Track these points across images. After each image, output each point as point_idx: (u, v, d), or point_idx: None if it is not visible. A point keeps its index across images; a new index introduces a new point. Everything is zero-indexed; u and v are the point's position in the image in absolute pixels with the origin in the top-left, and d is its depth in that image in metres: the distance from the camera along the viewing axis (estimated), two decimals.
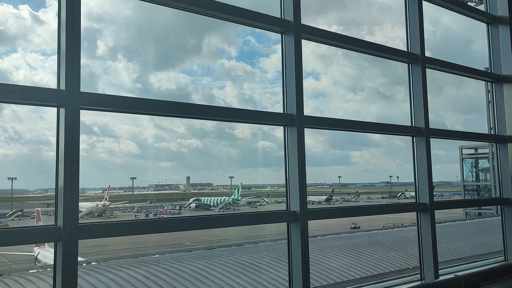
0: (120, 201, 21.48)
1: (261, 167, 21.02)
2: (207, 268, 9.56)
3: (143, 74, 15.85)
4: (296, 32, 4.82)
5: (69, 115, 3.40)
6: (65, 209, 3.30)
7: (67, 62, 3.44)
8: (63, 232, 3.26)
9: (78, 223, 3.34)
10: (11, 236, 3.22)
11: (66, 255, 3.23)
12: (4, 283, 8.86)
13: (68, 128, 3.39)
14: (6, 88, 3.30)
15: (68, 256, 3.24)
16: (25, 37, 14.48)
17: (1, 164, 17.62)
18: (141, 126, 19.70)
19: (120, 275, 9.31)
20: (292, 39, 4.78)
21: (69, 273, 3.23)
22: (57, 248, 3.33)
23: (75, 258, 3.27)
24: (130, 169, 19.84)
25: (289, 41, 4.83)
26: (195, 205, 20.65)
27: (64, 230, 3.26)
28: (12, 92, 3.30)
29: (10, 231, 3.21)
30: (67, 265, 3.23)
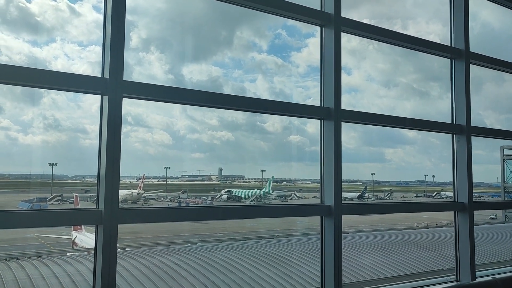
0: (154, 190, 21.96)
1: (293, 162, 20.96)
2: (238, 259, 9.66)
3: (175, 66, 16.05)
4: (336, 25, 4.77)
5: (112, 102, 3.51)
6: (106, 193, 3.41)
7: (112, 52, 3.54)
8: (104, 216, 3.37)
9: (118, 207, 3.45)
10: (58, 217, 3.37)
11: (106, 237, 3.35)
12: (44, 264, 9.24)
13: (111, 115, 3.50)
14: (54, 76, 3.44)
15: (109, 238, 3.36)
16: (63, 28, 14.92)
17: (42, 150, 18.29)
18: (173, 117, 20.00)
19: (153, 261, 9.55)
20: (332, 32, 4.74)
21: (109, 255, 3.34)
22: (98, 231, 3.45)
23: (115, 241, 3.38)
24: (163, 159, 20.21)
25: (329, 33, 4.79)
26: (226, 196, 20.84)
27: (105, 214, 3.38)
28: (60, 79, 3.43)
29: (57, 212, 3.36)
30: (107, 248, 3.35)
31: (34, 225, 3.45)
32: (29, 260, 9.62)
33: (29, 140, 18.69)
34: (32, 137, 18.82)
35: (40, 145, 18.34)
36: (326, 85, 4.80)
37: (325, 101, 4.82)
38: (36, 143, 18.52)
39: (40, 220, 3.37)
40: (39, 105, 18.37)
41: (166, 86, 4.02)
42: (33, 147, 18.31)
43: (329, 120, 4.71)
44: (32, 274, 8.42)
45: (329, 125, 4.71)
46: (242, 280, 8.85)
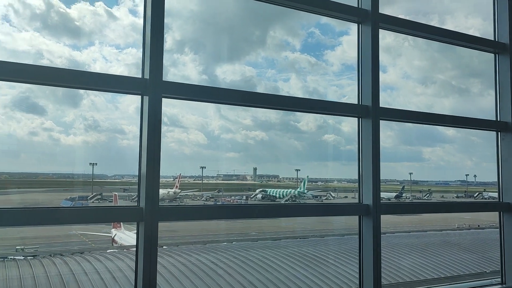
0: (190, 189, 22.30)
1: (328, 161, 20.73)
2: (274, 257, 9.68)
3: (209, 66, 16.22)
4: (374, 21, 4.69)
5: (152, 102, 3.58)
6: (147, 192, 3.49)
7: (151, 53, 3.62)
8: (145, 213, 3.45)
9: (158, 205, 3.52)
10: (101, 214, 3.48)
11: (147, 234, 3.43)
12: (86, 260, 9.56)
13: (151, 115, 3.57)
14: (97, 77, 3.55)
15: (149, 235, 3.44)
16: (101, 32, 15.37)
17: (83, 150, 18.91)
18: (208, 117, 20.23)
19: (190, 259, 9.71)
20: (369, 29, 4.66)
21: (150, 251, 3.42)
22: (139, 228, 3.54)
23: (155, 237, 3.45)
24: (198, 158, 20.50)
25: (366, 30, 4.71)
26: (261, 196, 20.91)
27: (146, 211, 3.46)
28: (102, 81, 3.54)
29: (100, 209, 3.46)
30: (148, 244, 3.43)
31: (79, 221, 3.57)
32: (72, 256, 9.99)
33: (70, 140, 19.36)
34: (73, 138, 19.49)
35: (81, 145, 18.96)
36: (364, 83, 4.73)
37: (363, 99, 4.74)
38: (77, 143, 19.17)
39: (84, 217, 3.49)
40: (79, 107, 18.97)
41: (204, 86, 4.07)
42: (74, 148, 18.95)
43: (367, 118, 4.64)
44: (75, 269, 8.74)
45: (367, 123, 4.63)
46: (277, 279, 8.86)
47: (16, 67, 3.23)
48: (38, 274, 8.23)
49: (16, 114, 18.84)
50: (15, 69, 3.23)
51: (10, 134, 18.24)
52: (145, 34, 3.71)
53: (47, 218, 3.36)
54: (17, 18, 14.93)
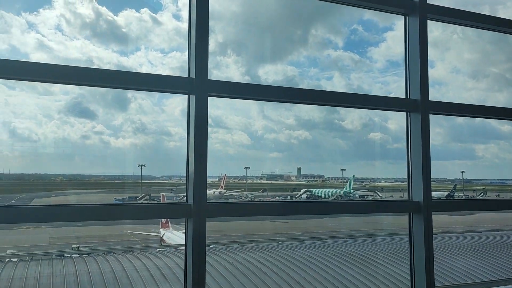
0: (235, 189, 22.53)
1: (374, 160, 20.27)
2: (320, 257, 9.58)
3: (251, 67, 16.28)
4: (422, 13, 4.54)
5: (199, 101, 3.65)
6: (195, 188, 3.55)
7: (197, 53, 3.68)
8: (193, 209, 3.52)
9: (206, 202, 3.58)
10: (151, 210, 3.58)
11: (196, 230, 3.49)
12: (137, 258, 9.87)
13: (198, 113, 3.64)
14: (145, 78, 3.65)
15: (198, 231, 3.50)
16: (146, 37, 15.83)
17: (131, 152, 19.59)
18: (251, 117, 20.32)
19: (236, 258, 9.80)
20: (417, 20, 4.51)
21: (199, 246, 3.48)
22: (188, 225, 3.61)
23: (203, 233, 3.51)
24: (243, 158, 20.66)
25: (414, 22, 4.57)
26: (306, 196, 20.77)
27: (194, 208, 3.52)
28: (150, 81, 3.65)
29: (151, 205, 3.57)
30: (197, 239, 3.49)
31: (130, 217, 3.69)
32: (124, 254, 10.35)
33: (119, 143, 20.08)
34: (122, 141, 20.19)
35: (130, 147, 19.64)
36: (412, 76, 4.59)
37: (411, 93, 4.60)
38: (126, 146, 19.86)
39: (136, 213, 3.60)
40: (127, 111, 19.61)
41: (248, 84, 4.10)
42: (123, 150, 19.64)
43: (416, 113, 4.49)
44: (126, 266, 9.05)
45: (416, 118, 4.49)
46: (324, 279, 8.77)
47: (71, 70, 3.38)
48: (93, 271, 8.59)
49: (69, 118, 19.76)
50: (69, 72, 3.39)
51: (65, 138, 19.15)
52: (190, 33, 3.79)
53: (100, 214, 3.50)
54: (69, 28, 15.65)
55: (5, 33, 18.25)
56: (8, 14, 17.00)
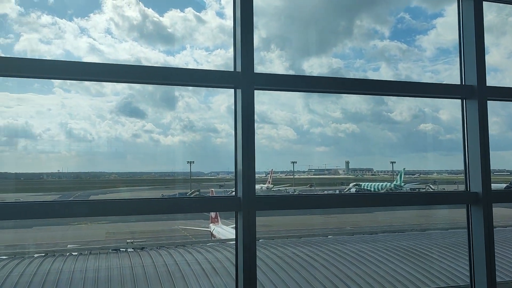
0: (282, 184, 22.50)
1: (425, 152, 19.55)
2: (371, 251, 9.38)
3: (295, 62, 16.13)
4: None
5: (245, 95, 3.65)
6: (243, 181, 3.57)
7: (242, 46, 3.69)
8: (243, 202, 3.53)
9: (255, 195, 3.58)
10: (201, 204, 3.64)
11: (245, 223, 3.51)
12: (188, 252, 10.10)
13: (245, 107, 3.64)
14: (192, 73, 3.70)
15: (248, 224, 3.51)
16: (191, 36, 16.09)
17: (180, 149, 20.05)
18: (296, 112, 20.18)
19: (285, 252, 9.79)
20: (472, 2, 4.28)
21: (249, 239, 3.50)
22: (238, 217, 3.63)
23: (253, 225, 3.52)
24: (289, 153, 20.57)
25: (468, 4, 4.34)
26: (355, 190, 20.39)
27: (244, 201, 3.53)
28: (197, 76, 3.69)
29: (201, 199, 3.62)
30: (247, 232, 3.50)
31: (182, 210, 3.75)
32: (176, 248, 10.61)
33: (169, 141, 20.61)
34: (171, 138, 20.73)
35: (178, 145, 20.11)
36: (467, 61, 4.36)
37: (466, 79, 4.38)
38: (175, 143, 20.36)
39: (187, 207, 3.66)
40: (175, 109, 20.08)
41: (294, 75, 4.06)
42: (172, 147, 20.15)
43: (473, 99, 4.27)
44: (178, 260, 9.28)
45: (473, 105, 4.26)
46: (376, 273, 8.57)
47: (120, 68, 3.49)
48: (147, 264, 8.88)
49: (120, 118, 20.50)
50: (119, 71, 3.49)
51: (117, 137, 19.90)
52: (235, 27, 3.80)
53: (153, 208, 3.59)
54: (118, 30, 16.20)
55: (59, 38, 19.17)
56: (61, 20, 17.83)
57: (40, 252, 10.90)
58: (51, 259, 9.16)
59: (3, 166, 20.58)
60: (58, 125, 19.41)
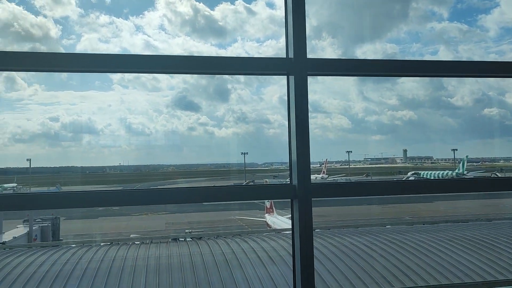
0: (337, 174, 22.18)
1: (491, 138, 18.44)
2: (432, 242, 9.04)
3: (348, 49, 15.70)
4: None
5: (298, 81, 3.61)
6: (298, 169, 3.53)
7: (294, 32, 3.64)
8: (298, 190, 3.50)
9: (310, 182, 3.54)
10: (257, 191, 3.66)
11: (302, 210, 3.48)
12: (245, 241, 10.24)
13: (298, 94, 3.60)
14: (245, 61, 3.70)
15: (304, 211, 3.48)
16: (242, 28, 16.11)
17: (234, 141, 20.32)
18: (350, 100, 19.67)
19: (342, 242, 9.67)
20: None
21: (305, 227, 3.47)
22: (294, 206, 3.61)
23: (309, 214, 3.48)
24: (343, 143, 20.19)
25: None
26: (413, 178, 19.71)
27: (299, 188, 3.50)
28: (249, 64, 3.69)
29: (257, 187, 3.64)
30: (303, 221, 3.47)
31: (238, 198, 3.78)
32: (232, 238, 10.80)
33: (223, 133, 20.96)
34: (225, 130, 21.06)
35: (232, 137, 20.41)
36: None
37: None
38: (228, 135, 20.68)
39: (243, 195, 3.68)
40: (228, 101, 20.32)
41: (348, 59, 3.95)
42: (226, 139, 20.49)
43: None
44: (235, 249, 9.45)
45: None
46: (438, 264, 8.25)
47: (172, 60, 3.56)
48: (205, 252, 9.12)
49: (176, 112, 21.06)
50: (173, 63, 3.57)
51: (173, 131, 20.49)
52: (287, 13, 3.75)
53: (210, 196, 3.65)
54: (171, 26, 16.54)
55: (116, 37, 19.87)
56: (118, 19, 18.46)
57: (106, 241, 11.51)
58: (115, 247, 9.65)
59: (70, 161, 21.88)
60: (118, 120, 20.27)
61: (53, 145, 19.71)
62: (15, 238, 14.44)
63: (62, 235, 17.32)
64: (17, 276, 7.69)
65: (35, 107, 21.08)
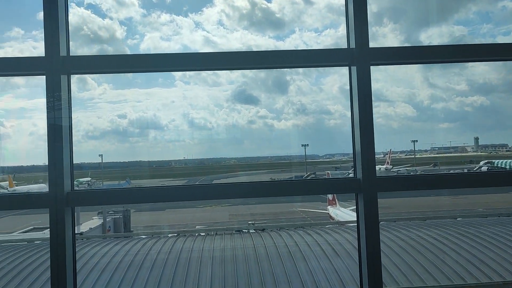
0: (402, 164, 21.40)
1: None
2: (509, 235, 8.48)
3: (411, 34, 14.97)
4: None
5: (361, 72, 3.51)
6: (363, 163, 3.45)
7: (356, 21, 3.53)
8: (363, 184, 3.42)
9: (376, 176, 3.44)
10: (321, 185, 3.62)
11: (367, 205, 3.40)
12: (308, 234, 10.20)
13: (361, 85, 3.50)
14: (304, 54, 3.66)
15: (369, 206, 3.40)
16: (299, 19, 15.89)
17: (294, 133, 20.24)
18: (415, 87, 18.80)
19: (409, 235, 9.34)
20: None
21: (371, 222, 3.38)
22: (359, 199, 3.53)
23: (375, 208, 3.40)
24: (408, 132, 19.37)
25: None
26: (486, 168, 18.51)
27: (364, 182, 3.42)
28: (308, 56, 3.64)
29: (319, 181, 3.60)
30: (368, 215, 3.39)
31: (301, 193, 3.76)
32: (295, 230, 10.80)
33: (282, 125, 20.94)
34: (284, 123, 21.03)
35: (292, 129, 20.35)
36: None
37: None
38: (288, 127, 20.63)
39: (306, 189, 3.66)
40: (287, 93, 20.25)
41: (413, 46, 3.77)
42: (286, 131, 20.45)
43: None
44: (298, 241, 9.44)
45: None
46: None
47: (233, 56, 3.60)
48: (268, 245, 9.19)
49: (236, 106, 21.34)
50: (232, 59, 3.60)
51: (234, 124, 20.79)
52: (347, 1, 3.65)
53: (272, 190, 3.66)
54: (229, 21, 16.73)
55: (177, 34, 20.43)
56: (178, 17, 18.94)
57: (173, 232, 11.98)
58: (182, 239, 10.01)
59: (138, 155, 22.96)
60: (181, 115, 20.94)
61: (122, 141, 20.83)
62: (91, 229, 15.48)
63: (133, 226, 18.29)
64: (93, 266, 8.22)
65: (105, 105, 22.37)
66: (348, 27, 3.70)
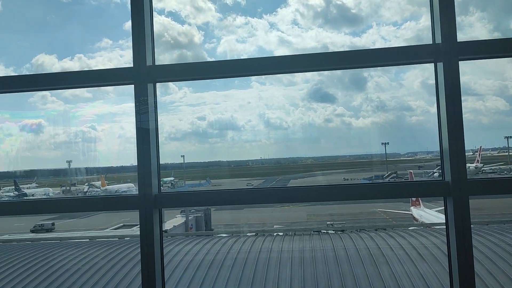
0: (494, 163, 19.79)
1: None
2: None
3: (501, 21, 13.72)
4: None
5: (448, 68, 3.30)
6: (452, 164, 3.24)
7: (442, 14, 3.33)
8: (452, 187, 3.21)
9: (467, 179, 3.22)
10: (404, 189, 3.46)
11: (457, 210, 3.19)
12: (390, 235, 9.83)
13: (448, 83, 3.30)
14: (383, 52, 3.51)
15: (460, 211, 3.18)
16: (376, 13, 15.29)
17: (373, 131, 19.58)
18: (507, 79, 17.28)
19: (504, 239, 8.65)
20: None
21: (462, 229, 3.17)
22: (447, 204, 3.32)
23: (467, 213, 3.17)
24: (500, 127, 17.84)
25: None
26: None
27: (453, 185, 3.21)
28: (388, 55, 3.48)
29: (403, 184, 3.45)
30: (459, 221, 3.18)
31: (383, 196, 3.62)
32: (376, 232, 10.44)
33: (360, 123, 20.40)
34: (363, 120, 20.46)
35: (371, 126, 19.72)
36: None
37: None
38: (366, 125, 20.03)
39: (390, 192, 3.50)
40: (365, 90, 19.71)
41: (507, 38, 3.46)
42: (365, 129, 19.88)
43: None
44: (380, 244, 9.11)
45: None
46: None
47: (311, 58, 3.55)
48: (348, 247, 8.98)
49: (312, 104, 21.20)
50: (308, 60, 3.56)
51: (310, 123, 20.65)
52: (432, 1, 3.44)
53: (351, 194, 3.57)
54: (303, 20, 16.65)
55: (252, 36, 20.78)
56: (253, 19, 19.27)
57: (252, 231, 12.18)
58: (261, 239, 10.13)
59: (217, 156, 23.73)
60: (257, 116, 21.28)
61: (202, 142, 21.70)
62: (175, 227, 16.25)
63: (213, 225, 18.90)
64: (178, 263, 8.61)
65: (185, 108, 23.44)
66: (433, 21, 3.49)
